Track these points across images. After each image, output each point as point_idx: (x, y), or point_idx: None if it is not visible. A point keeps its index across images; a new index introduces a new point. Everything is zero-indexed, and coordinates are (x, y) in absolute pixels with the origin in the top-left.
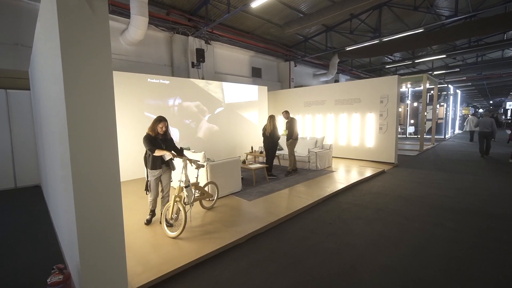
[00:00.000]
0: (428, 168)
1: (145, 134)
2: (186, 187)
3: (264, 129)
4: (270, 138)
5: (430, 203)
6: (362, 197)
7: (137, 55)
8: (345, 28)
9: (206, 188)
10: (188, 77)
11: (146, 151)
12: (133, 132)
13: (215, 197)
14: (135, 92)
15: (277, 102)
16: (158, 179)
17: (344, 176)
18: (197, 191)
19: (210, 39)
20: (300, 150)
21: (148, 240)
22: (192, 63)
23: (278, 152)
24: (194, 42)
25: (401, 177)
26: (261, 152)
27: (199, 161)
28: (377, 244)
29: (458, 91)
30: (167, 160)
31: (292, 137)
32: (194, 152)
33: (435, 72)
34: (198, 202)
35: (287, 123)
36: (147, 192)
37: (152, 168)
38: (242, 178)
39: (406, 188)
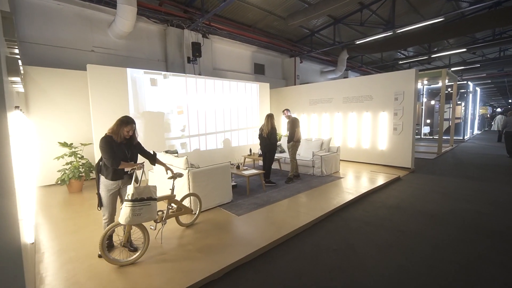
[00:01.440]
0: (451, 175)
1: (103, 136)
2: (132, 200)
3: (261, 130)
4: (267, 140)
5: (463, 222)
6: (375, 212)
7: (127, 50)
8: (355, 20)
9: (186, 202)
10: (184, 73)
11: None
12: None
13: (197, 211)
14: (116, 88)
15: (280, 100)
16: (117, 193)
17: (353, 183)
18: (171, 205)
19: (208, 32)
20: (304, 153)
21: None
22: (188, 58)
23: (278, 155)
24: (190, 36)
25: (420, 185)
26: (260, 155)
27: (170, 169)
28: (397, 286)
29: (478, 89)
30: (131, 171)
31: (293, 139)
32: (176, 156)
33: (452, 69)
34: (175, 218)
35: (288, 123)
36: (99, 209)
37: (111, 179)
38: (235, 185)
39: (428, 201)
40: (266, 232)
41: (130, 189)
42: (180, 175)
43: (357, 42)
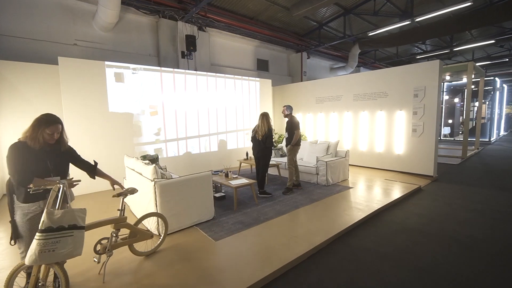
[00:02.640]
0: (482, 185)
1: (14, 143)
2: (42, 231)
3: (255, 132)
4: (262, 144)
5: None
6: (391, 239)
7: (114, 43)
8: (367, 10)
9: (152, 223)
10: (178, 68)
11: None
12: (92, 132)
13: (162, 234)
14: (93, 84)
15: (284, 98)
16: (40, 216)
17: (364, 196)
18: (115, 231)
19: (204, 24)
20: (307, 158)
21: None
22: (182, 52)
23: (278, 160)
24: (185, 28)
25: (447, 199)
26: None
27: (118, 184)
28: None
29: (505, 86)
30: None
31: (292, 142)
32: (147, 163)
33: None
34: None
35: (287, 123)
36: (14, 242)
37: (25, 201)
38: (223, 196)
39: (460, 222)
40: (245, 268)
41: (43, 215)
42: (133, 191)
43: (370, 34)
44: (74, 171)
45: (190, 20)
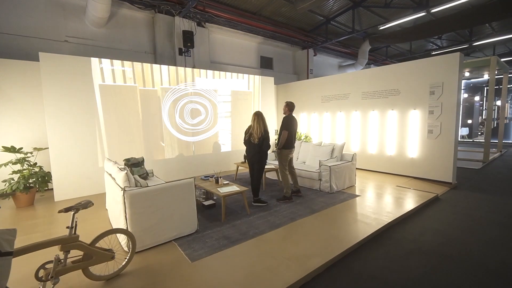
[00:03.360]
0: (509, 193)
1: None
2: None
3: (249, 134)
4: (257, 148)
5: None
6: (403, 263)
7: (108, 40)
8: (378, 2)
9: (122, 240)
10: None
11: None
12: (78, 133)
13: (129, 253)
14: (79, 82)
15: (288, 97)
16: None
17: (372, 206)
18: (64, 253)
19: (203, 20)
20: (310, 161)
21: None
22: (180, 49)
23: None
24: (182, 24)
25: (469, 210)
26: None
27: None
28: None
29: None
30: None
31: (279, 145)
32: (122, 169)
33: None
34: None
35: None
36: None
37: None
38: (212, 204)
39: (489, 241)
40: None
41: None
42: (86, 205)
43: (381, 28)
44: None
45: (188, 15)
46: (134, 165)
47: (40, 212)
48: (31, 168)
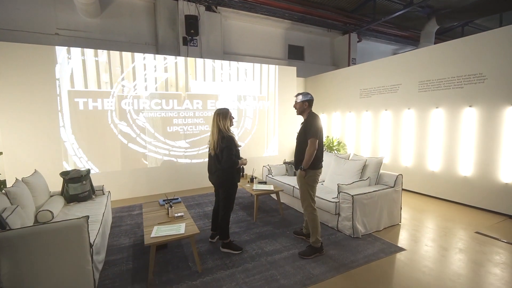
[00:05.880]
0: None
1: None
2: None
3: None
4: (217, 163)
5: None
6: None
7: (103, 31)
8: None
9: None
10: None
11: None
12: (37, 131)
13: None
14: (39, 74)
15: (317, 92)
16: None
17: (431, 277)
18: None
19: (214, 3)
20: (328, 181)
21: None
22: (184, 38)
23: (280, 178)
24: (188, 9)
25: None
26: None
27: None
28: None
29: None
30: None
31: (303, 162)
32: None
33: None
34: None
35: (303, 124)
36: None
37: None
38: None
39: None
40: None
41: None
42: None
43: None
44: None
45: None
46: (72, 181)
47: None
48: None
